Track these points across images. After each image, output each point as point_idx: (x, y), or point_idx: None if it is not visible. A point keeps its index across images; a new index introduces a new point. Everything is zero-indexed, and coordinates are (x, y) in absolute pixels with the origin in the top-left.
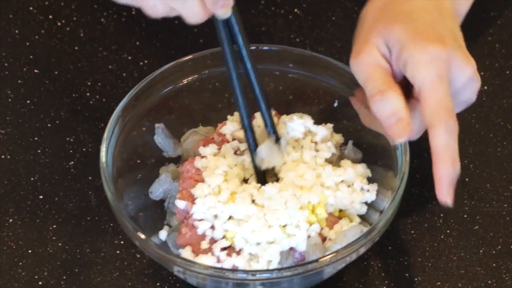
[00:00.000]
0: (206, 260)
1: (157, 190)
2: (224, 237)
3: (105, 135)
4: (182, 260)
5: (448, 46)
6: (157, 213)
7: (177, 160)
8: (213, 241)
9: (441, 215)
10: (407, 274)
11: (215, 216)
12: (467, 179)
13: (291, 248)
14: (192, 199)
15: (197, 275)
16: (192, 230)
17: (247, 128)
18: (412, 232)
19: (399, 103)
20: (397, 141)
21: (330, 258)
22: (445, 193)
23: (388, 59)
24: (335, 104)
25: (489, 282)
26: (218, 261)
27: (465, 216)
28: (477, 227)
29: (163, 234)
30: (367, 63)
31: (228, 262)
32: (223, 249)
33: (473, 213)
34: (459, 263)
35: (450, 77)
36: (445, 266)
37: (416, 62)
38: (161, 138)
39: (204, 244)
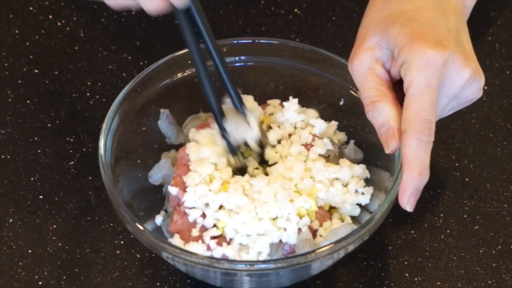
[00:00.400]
0: (196, 248)
1: (156, 175)
2: (215, 226)
3: (106, 120)
4: (173, 247)
5: (446, 49)
6: (157, 199)
7: (180, 147)
8: (203, 229)
9: (441, 215)
10: (407, 274)
11: (206, 205)
12: (467, 179)
13: (282, 241)
14: (184, 187)
15: (186, 262)
16: (183, 218)
17: (217, 113)
18: (412, 232)
19: (390, 113)
20: (386, 151)
21: (318, 253)
22: (406, 201)
23: (385, 62)
24: (341, 103)
25: (489, 282)
26: (208, 249)
27: (465, 216)
28: (477, 227)
29: (158, 219)
30: (360, 71)
31: (218, 251)
32: (214, 237)
33: (473, 213)
34: (459, 263)
35: (447, 81)
36: (445, 266)
37: (410, 66)
38: (165, 124)
39: (195, 232)
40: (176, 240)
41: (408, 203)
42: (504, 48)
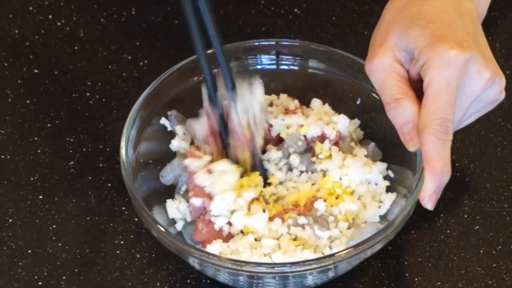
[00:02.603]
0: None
1: (168, 175)
2: (241, 232)
3: (125, 127)
4: (202, 252)
5: (466, 50)
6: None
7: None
8: (230, 236)
9: (441, 215)
10: (407, 274)
11: (232, 212)
12: (467, 179)
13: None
14: (206, 195)
15: (214, 267)
16: (208, 226)
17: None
18: (412, 232)
19: (413, 111)
20: (409, 149)
21: (345, 254)
22: (427, 199)
23: (404, 63)
24: (358, 102)
25: (489, 282)
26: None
27: (465, 216)
28: (477, 227)
29: (179, 225)
30: (381, 69)
31: (246, 254)
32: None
33: (473, 213)
34: (459, 263)
35: (467, 82)
36: (445, 266)
37: (430, 66)
38: (174, 124)
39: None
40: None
41: (429, 202)
42: (504, 48)
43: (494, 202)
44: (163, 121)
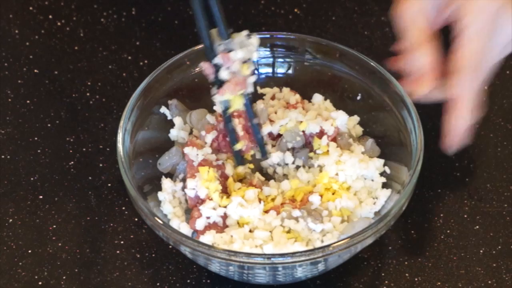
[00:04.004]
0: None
1: (165, 163)
2: (238, 223)
3: (123, 117)
4: (193, 241)
5: None
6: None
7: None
8: (225, 225)
9: (441, 215)
10: (407, 274)
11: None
12: (467, 179)
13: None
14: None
15: (205, 256)
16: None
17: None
18: (412, 232)
19: (431, 58)
20: (418, 92)
21: (334, 246)
22: (448, 142)
23: (431, 11)
24: (358, 97)
25: (489, 282)
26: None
27: (465, 216)
28: (477, 227)
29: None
30: (413, 11)
31: (239, 243)
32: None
33: (473, 213)
34: (459, 263)
35: (499, 28)
36: (445, 266)
37: (465, 10)
38: (175, 114)
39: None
40: (207, 237)
41: (450, 146)
42: None
43: (494, 202)
44: (163, 110)
